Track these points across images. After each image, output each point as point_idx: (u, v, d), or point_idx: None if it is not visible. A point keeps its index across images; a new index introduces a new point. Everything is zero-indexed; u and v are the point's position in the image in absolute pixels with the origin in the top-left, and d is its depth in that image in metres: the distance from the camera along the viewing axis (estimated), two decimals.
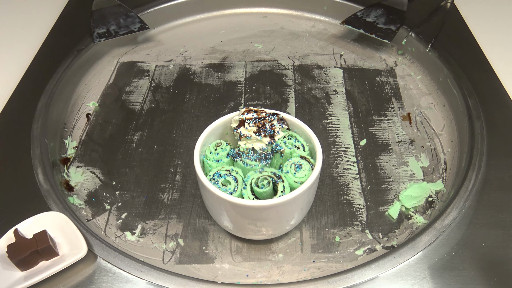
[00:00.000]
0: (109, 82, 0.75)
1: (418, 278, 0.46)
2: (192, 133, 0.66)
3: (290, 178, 0.46)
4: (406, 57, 0.78)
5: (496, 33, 0.80)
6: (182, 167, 0.61)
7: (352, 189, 0.58)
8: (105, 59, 0.80)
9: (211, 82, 0.75)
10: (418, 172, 0.60)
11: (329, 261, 0.51)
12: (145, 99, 0.72)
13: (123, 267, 0.47)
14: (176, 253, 0.52)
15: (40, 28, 0.82)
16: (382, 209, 0.56)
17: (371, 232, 0.54)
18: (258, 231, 0.48)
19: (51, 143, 0.62)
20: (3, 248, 0.46)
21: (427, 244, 0.49)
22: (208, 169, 0.49)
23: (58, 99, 0.67)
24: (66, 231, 0.49)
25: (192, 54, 0.81)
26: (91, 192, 0.59)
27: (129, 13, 0.80)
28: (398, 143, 0.64)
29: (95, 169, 0.61)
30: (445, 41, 0.75)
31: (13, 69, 0.73)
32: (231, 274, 0.50)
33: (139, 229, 0.54)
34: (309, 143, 0.50)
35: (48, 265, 0.47)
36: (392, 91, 0.73)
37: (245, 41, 0.84)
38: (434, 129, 0.66)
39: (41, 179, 0.55)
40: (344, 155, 0.63)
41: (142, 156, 0.63)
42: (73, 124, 0.68)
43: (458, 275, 0.46)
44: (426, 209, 0.56)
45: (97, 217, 0.56)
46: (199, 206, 0.57)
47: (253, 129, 0.48)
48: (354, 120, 0.68)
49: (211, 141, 0.51)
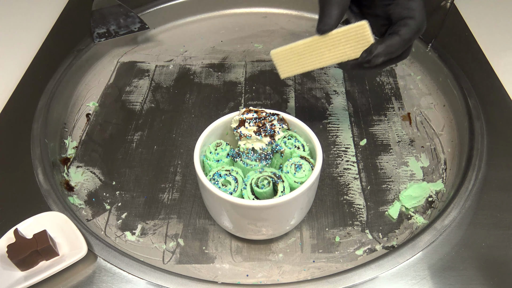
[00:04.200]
0: (109, 82, 0.75)
1: (418, 278, 0.46)
2: (192, 133, 0.66)
3: (290, 178, 0.46)
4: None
5: (496, 33, 0.80)
6: (182, 167, 0.61)
7: (352, 189, 0.58)
8: (105, 59, 0.80)
9: (211, 82, 0.75)
10: (418, 172, 0.60)
11: (329, 261, 0.51)
12: (145, 99, 0.72)
13: (123, 267, 0.47)
14: (176, 253, 0.52)
15: (40, 28, 0.82)
16: (382, 209, 0.56)
17: (371, 232, 0.54)
18: (258, 231, 0.48)
19: (51, 143, 0.62)
20: (3, 248, 0.46)
21: (427, 244, 0.49)
22: (208, 169, 0.49)
23: (58, 99, 0.67)
24: (66, 231, 0.49)
25: (192, 54, 0.81)
26: (91, 192, 0.59)
27: (129, 13, 0.80)
28: (398, 143, 0.64)
29: (95, 169, 0.61)
30: (445, 41, 0.75)
31: (13, 69, 0.73)
32: (231, 274, 0.50)
33: (139, 229, 0.54)
34: (309, 143, 0.50)
35: (48, 265, 0.47)
36: (392, 91, 0.73)
37: (245, 41, 0.84)
38: (434, 129, 0.66)
39: (41, 179, 0.55)
40: (344, 155, 0.63)
41: (142, 156, 0.63)
42: (73, 124, 0.68)
43: (458, 275, 0.46)
44: (426, 209, 0.56)
45: (97, 217, 0.56)
46: (199, 206, 0.57)
47: (253, 129, 0.48)
48: (354, 120, 0.68)
49: (211, 141, 0.51)
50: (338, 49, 0.45)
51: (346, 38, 0.44)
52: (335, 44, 0.45)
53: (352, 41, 0.44)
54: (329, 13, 0.43)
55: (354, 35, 0.44)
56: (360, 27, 0.43)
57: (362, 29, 0.43)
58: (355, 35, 0.44)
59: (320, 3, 0.45)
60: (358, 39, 0.44)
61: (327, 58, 0.46)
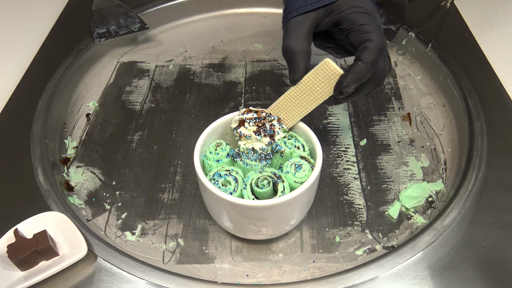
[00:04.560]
0: (109, 82, 0.75)
1: (418, 278, 0.46)
2: (192, 133, 0.66)
3: (290, 178, 0.46)
4: (406, 57, 0.78)
5: (496, 33, 0.80)
6: (182, 167, 0.61)
7: (352, 189, 0.58)
8: (105, 59, 0.80)
9: (211, 82, 0.75)
10: (418, 172, 0.60)
11: (329, 261, 0.51)
12: (145, 99, 0.72)
13: (123, 267, 0.47)
14: (176, 253, 0.52)
15: (40, 28, 0.82)
16: (382, 209, 0.56)
17: (371, 232, 0.54)
18: (258, 231, 0.48)
19: (51, 143, 0.62)
20: (3, 248, 0.46)
21: (427, 244, 0.49)
22: (208, 169, 0.49)
23: (58, 99, 0.67)
24: (66, 231, 0.49)
25: (192, 54, 0.81)
26: (91, 192, 0.59)
27: (129, 13, 0.80)
28: (398, 143, 0.64)
29: (95, 169, 0.61)
30: (445, 41, 0.75)
31: (13, 69, 0.73)
32: (231, 274, 0.50)
33: (139, 229, 0.54)
34: (309, 143, 0.50)
35: (48, 265, 0.47)
36: (392, 91, 0.73)
37: (245, 41, 0.84)
38: (434, 129, 0.66)
39: (41, 179, 0.55)
40: (344, 155, 0.63)
41: (142, 156, 0.63)
42: (73, 124, 0.68)
43: (458, 275, 0.46)
44: (426, 209, 0.56)
45: (97, 217, 0.56)
46: (199, 206, 0.57)
47: (253, 129, 0.48)
48: (354, 120, 0.68)
49: (211, 141, 0.51)
50: (317, 91, 0.48)
51: (318, 79, 0.47)
52: (312, 88, 0.48)
53: (324, 80, 0.47)
54: (296, 64, 0.48)
55: (323, 73, 0.47)
56: (324, 65, 0.46)
57: (327, 66, 0.46)
58: (324, 73, 0.47)
59: (286, 58, 0.49)
60: (329, 76, 0.47)
61: (311, 102, 0.48)
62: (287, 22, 0.51)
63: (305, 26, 0.49)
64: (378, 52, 0.45)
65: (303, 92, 0.48)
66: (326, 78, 0.47)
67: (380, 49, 0.46)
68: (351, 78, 0.45)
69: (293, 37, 0.49)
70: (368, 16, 0.47)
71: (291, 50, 0.48)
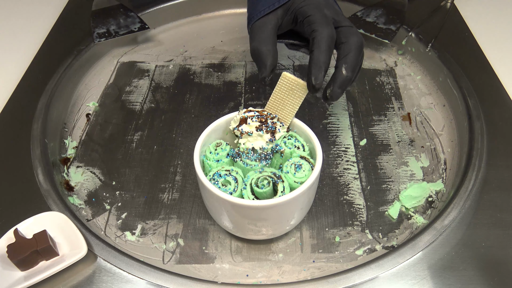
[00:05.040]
0: (109, 82, 0.75)
1: (418, 278, 0.46)
2: (192, 133, 0.66)
3: (290, 178, 0.46)
4: (406, 57, 0.78)
5: (496, 33, 0.80)
6: (182, 167, 0.61)
7: (352, 189, 0.58)
8: (105, 59, 0.80)
9: (211, 82, 0.75)
10: (418, 172, 0.60)
11: (329, 261, 0.51)
12: (145, 99, 0.72)
13: (123, 267, 0.47)
14: (176, 253, 0.52)
15: (40, 28, 0.82)
16: (382, 209, 0.56)
17: (371, 232, 0.54)
18: (258, 231, 0.48)
19: (51, 143, 0.62)
20: (3, 248, 0.46)
21: (427, 244, 0.49)
22: (208, 169, 0.49)
23: (58, 99, 0.67)
24: (66, 231, 0.49)
25: (192, 54, 0.81)
26: (91, 192, 0.59)
27: (129, 13, 0.80)
28: (398, 143, 0.64)
29: (95, 169, 0.61)
30: (445, 41, 0.75)
31: (13, 69, 0.73)
32: (231, 274, 0.50)
33: (139, 229, 0.54)
34: (309, 143, 0.50)
35: (48, 265, 0.47)
36: (392, 91, 0.73)
37: (245, 41, 0.83)
38: (434, 129, 0.66)
39: (41, 179, 0.55)
40: (344, 155, 0.63)
41: (142, 156, 0.63)
42: (73, 124, 0.68)
43: (458, 275, 0.46)
44: (426, 209, 0.56)
45: (97, 217, 0.56)
46: (199, 206, 0.57)
47: (255, 125, 0.48)
48: (354, 120, 0.68)
49: (211, 141, 0.51)
50: (290, 99, 0.49)
51: (286, 90, 0.49)
52: (285, 97, 0.49)
53: (291, 89, 0.49)
54: (263, 63, 0.51)
55: (287, 85, 0.49)
56: (284, 79, 0.49)
57: (287, 79, 0.48)
58: (288, 84, 0.49)
59: (254, 58, 0.52)
60: (292, 85, 0.49)
61: (292, 107, 0.50)
62: (251, 26, 0.54)
63: (268, 28, 0.52)
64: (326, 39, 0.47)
65: (282, 100, 0.50)
66: (292, 86, 0.49)
67: (328, 36, 0.48)
68: (314, 70, 0.47)
69: (257, 39, 0.52)
70: (314, 7, 0.50)
71: (258, 51, 0.51)
